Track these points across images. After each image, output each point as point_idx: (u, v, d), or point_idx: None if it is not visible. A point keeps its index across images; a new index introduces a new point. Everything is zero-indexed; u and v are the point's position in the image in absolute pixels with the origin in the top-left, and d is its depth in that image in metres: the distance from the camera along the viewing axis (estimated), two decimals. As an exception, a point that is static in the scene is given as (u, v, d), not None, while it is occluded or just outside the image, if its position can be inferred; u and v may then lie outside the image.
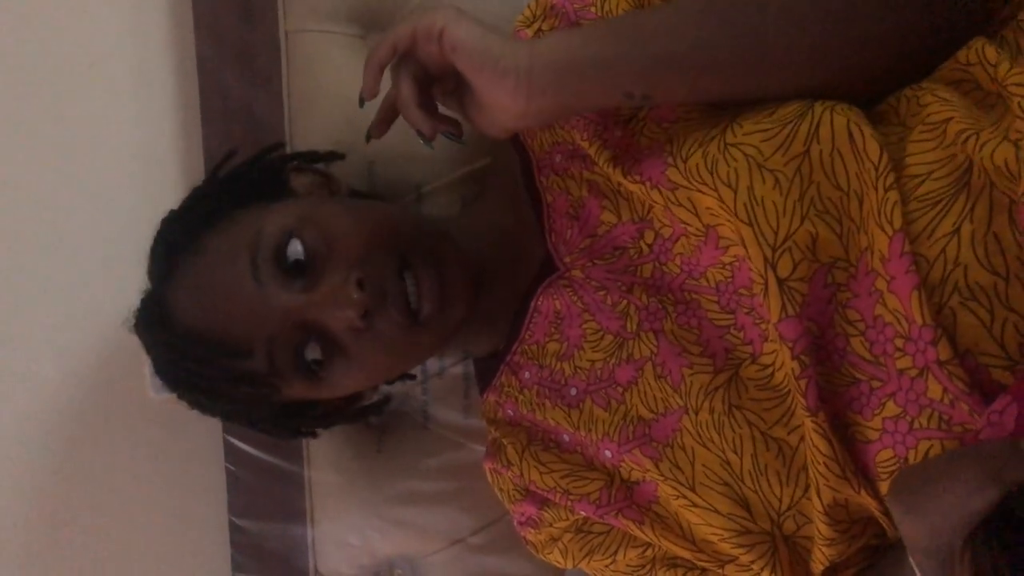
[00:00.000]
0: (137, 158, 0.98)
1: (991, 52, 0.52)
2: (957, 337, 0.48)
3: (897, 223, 0.50)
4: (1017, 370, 0.46)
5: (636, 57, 0.56)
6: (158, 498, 1.03)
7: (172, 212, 0.76)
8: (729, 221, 0.57)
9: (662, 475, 0.64)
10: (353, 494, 0.97)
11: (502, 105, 0.60)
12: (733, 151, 0.57)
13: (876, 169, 0.52)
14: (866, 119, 0.55)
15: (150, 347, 0.72)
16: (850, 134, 0.54)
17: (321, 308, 0.66)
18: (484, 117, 0.63)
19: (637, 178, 0.63)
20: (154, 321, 0.71)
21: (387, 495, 0.96)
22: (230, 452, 0.99)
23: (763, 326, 0.59)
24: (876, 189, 0.51)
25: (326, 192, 0.80)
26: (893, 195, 0.50)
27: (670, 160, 0.60)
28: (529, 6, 0.72)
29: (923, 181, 0.51)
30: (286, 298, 0.66)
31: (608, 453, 0.69)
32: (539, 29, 0.69)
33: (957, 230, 0.48)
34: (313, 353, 0.68)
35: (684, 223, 0.62)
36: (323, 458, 0.98)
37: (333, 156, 0.83)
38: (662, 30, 0.56)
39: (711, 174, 0.57)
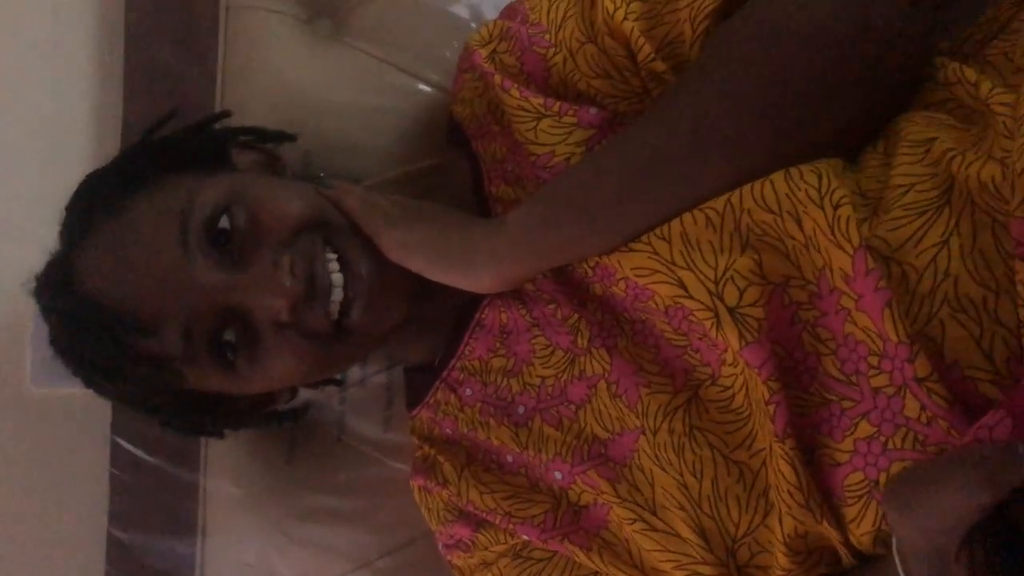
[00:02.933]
0: (46, 126, 0.91)
1: (969, 72, 0.53)
2: (945, 349, 0.47)
3: (855, 240, 0.49)
4: (1004, 384, 0.46)
5: (594, 231, 0.60)
6: (28, 501, 0.94)
7: (96, 170, 0.69)
8: (665, 270, 0.56)
9: (619, 497, 0.61)
10: (253, 507, 0.90)
11: (472, 288, 0.65)
12: None
13: (818, 190, 0.51)
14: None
15: (48, 313, 0.66)
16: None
17: (249, 292, 0.62)
18: None
19: None
20: (57, 285, 0.65)
21: (291, 510, 0.90)
22: (117, 455, 0.90)
23: (719, 351, 0.57)
24: (821, 208, 0.51)
25: (269, 172, 0.75)
26: (844, 211, 0.50)
27: None
28: (486, 25, 0.71)
29: (907, 191, 0.50)
30: (214, 275, 0.62)
31: (558, 475, 0.65)
32: (494, 50, 0.69)
33: (946, 241, 0.48)
34: (230, 337, 0.64)
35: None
36: (222, 466, 0.91)
37: (283, 136, 0.78)
38: (607, 193, 0.59)
39: None
